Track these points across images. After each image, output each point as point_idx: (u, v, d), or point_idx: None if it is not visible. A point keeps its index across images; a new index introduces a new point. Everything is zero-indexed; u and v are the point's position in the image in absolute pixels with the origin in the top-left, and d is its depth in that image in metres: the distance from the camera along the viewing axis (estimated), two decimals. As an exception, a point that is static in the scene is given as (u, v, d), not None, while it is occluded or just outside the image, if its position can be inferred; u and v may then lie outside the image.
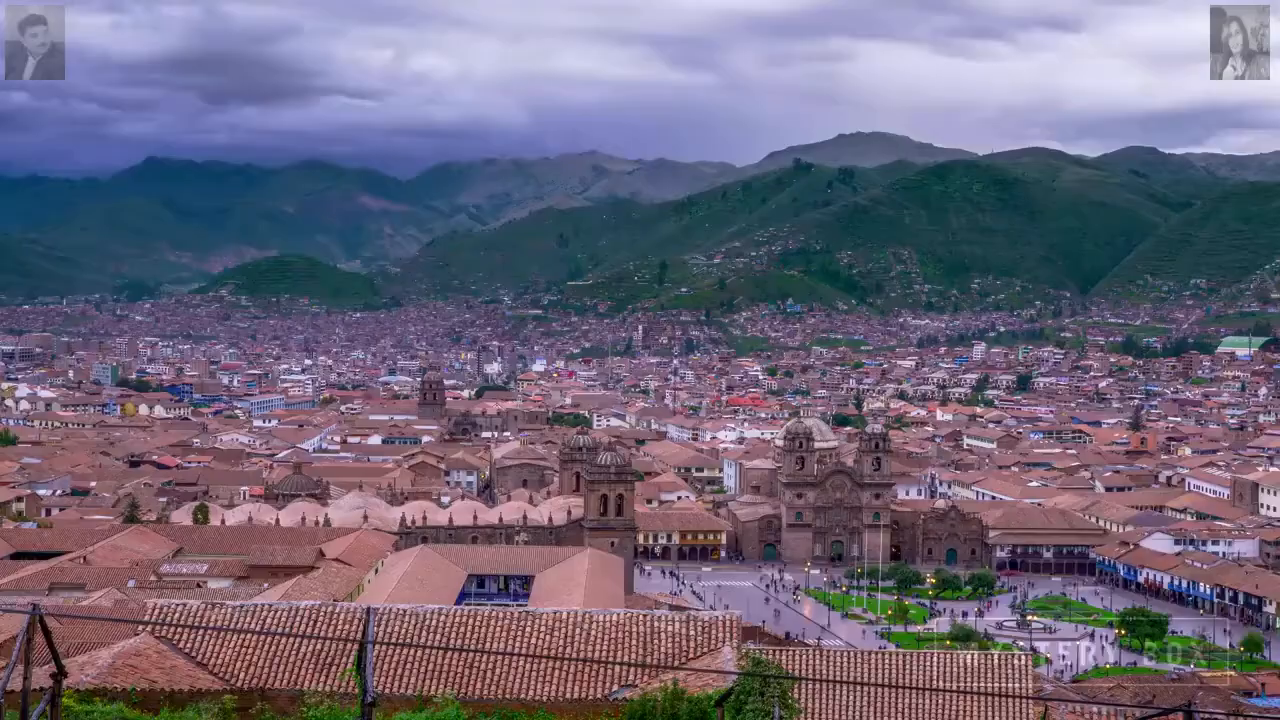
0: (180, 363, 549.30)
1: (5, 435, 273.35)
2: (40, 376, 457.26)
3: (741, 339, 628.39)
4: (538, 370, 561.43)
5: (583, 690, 34.17)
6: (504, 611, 39.71)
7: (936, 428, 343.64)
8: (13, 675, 19.47)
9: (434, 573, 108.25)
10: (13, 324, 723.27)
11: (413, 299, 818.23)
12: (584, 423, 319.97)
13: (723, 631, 37.26)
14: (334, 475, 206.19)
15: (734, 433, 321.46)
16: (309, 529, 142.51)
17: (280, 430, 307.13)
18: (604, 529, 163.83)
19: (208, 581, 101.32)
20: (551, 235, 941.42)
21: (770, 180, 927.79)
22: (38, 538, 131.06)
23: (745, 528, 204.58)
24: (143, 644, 35.96)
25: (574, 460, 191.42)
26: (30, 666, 19.59)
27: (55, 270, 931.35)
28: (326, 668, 34.43)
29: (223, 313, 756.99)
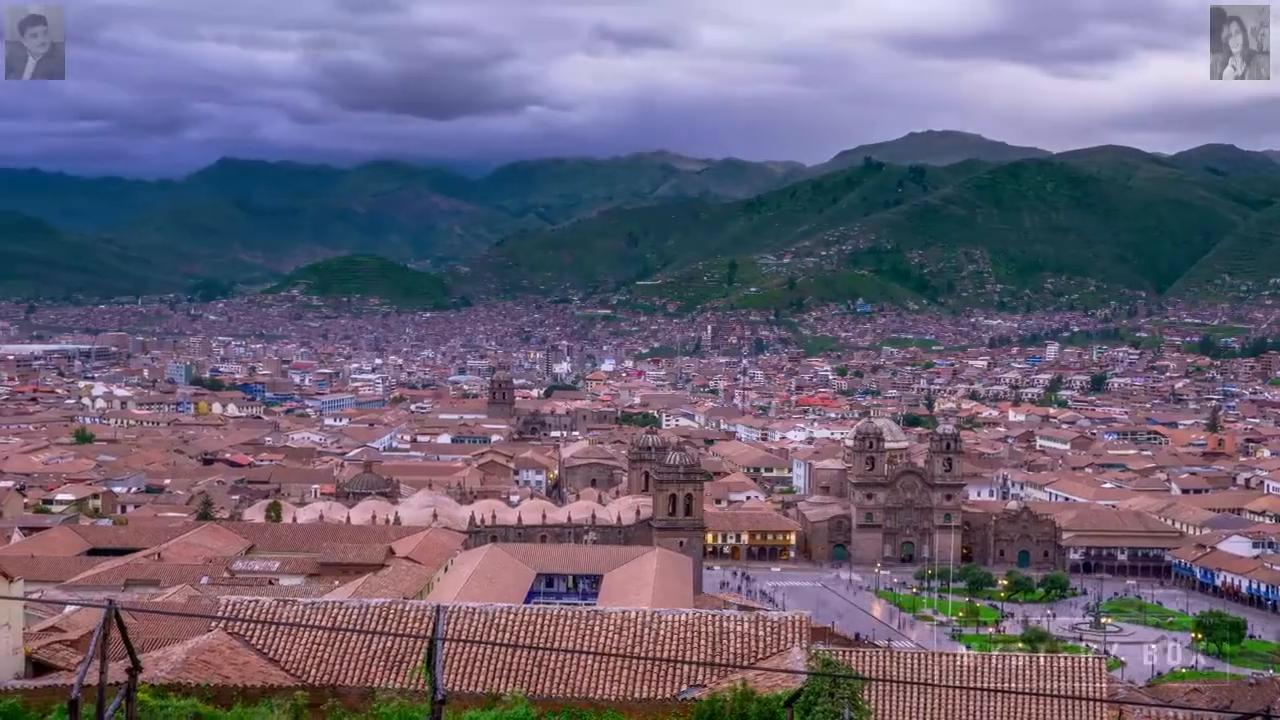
0: (252, 362, 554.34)
1: (82, 433, 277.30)
2: (116, 375, 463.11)
3: (811, 339, 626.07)
4: (606, 370, 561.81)
5: (651, 690, 34.10)
6: (572, 610, 39.71)
7: (1009, 428, 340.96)
8: (90, 669, 19.67)
9: (503, 571, 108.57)
10: (89, 323, 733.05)
11: (482, 299, 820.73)
12: (653, 422, 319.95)
13: (792, 632, 37.07)
14: (404, 474, 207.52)
15: (803, 433, 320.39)
16: (379, 527, 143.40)
17: (351, 429, 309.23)
18: (672, 529, 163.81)
19: (279, 579, 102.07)
20: (620, 235, 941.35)
21: (840, 179, 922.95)
22: (113, 534, 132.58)
23: (814, 528, 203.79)
24: (216, 640, 36.27)
25: (643, 460, 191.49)
26: (107, 661, 19.77)
27: (130, 270, 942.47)
28: (397, 665, 34.58)
29: (294, 312, 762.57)
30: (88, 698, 20.14)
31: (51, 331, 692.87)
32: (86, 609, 58.87)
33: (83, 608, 61.12)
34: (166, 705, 28.34)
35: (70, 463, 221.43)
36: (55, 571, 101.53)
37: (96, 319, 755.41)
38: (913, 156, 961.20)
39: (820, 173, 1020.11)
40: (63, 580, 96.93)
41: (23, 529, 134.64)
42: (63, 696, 27.36)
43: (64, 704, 24.88)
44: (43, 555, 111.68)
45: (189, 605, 73.35)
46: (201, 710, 28.68)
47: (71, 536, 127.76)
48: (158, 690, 30.24)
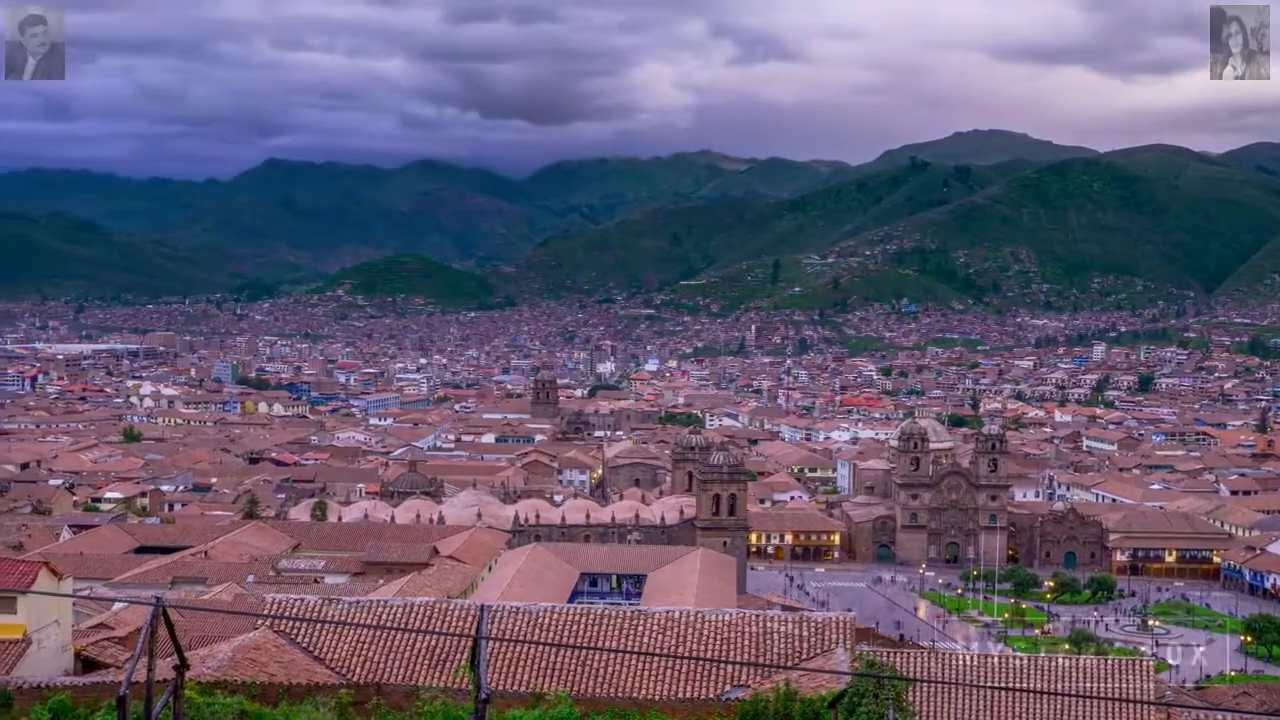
0: (298, 361, 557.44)
1: (130, 432, 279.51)
2: (163, 374, 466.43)
3: (855, 339, 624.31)
4: (650, 370, 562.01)
5: (695, 690, 34.09)
6: (616, 610, 39.74)
7: (1055, 429, 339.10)
8: (138, 666, 19.82)
9: (547, 571, 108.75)
10: (137, 323, 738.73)
11: (526, 298, 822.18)
12: (696, 422, 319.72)
13: (836, 632, 36.99)
14: (448, 473, 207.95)
15: (847, 433, 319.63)
16: (423, 526, 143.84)
17: (395, 428, 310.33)
18: (716, 529, 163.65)
19: (325, 577, 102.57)
20: (664, 234, 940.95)
21: (885, 179, 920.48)
22: (161, 533, 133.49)
23: (859, 528, 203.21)
24: (262, 638, 36.49)
25: (686, 460, 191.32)
26: (154, 658, 19.92)
27: (178, 270, 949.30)
28: (441, 663, 34.70)
29: (339, 312, 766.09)
30: (136, 694, 20.28)
31: (100, 331, 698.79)
32: (134, 606, 59.30)
33: (130, 605, 61.56)
34: (213, 702, 28.53)
35: (118, 461, 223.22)
36: (104, 569, 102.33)
37: (144, 319, 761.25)
38: (958, 156, 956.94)
39: (865, 172, 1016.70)
40: (111, 578, 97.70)
41: (72, 527, 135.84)
42: (111, 693, 27.58)
43: (112, 700, 25.08)
44: (91, 553, 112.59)
45: (235, 603, 73.85)
46: (247, 708, 28.84)
47: (120, 535, 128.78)
48: (204, 687, 30.45)
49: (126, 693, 19.82)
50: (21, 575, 43.31)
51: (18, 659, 40.99)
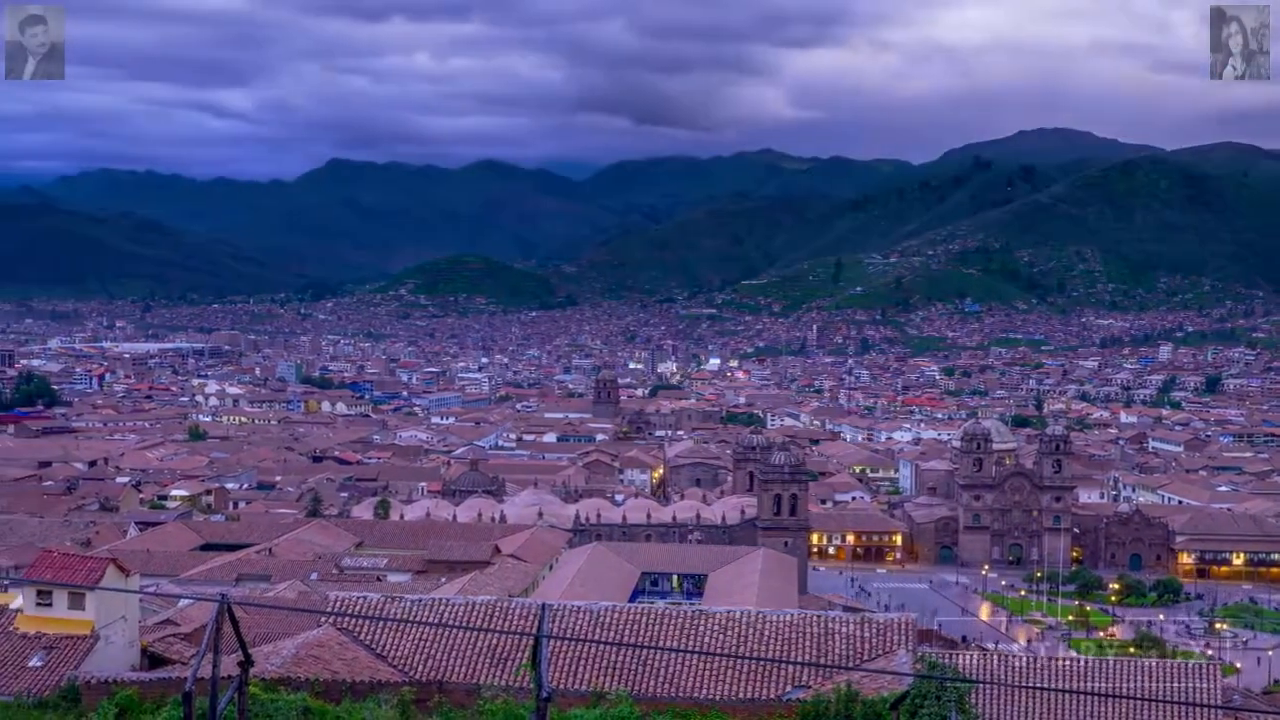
0: (361, 360, 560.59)
1: (195, 430, 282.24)
2: (228, 374, 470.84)
3: (918, 338, 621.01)
4: (711, 369, 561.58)
5: (756, 690, 34.02)
6: (677, 610, 39.72)
7: (1120, 430, 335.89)
8: (203, 663, 20.01)
9: (608, 570, 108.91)
10: (203, 323, 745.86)
11: (587, 298, 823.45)
12: (757, 422, 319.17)
13: (897, 634, 36.82)
14: (509, 472, 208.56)
15: (909, 433, 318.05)
16: (485, 525, 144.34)
17: (457, 428, 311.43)
18: (777, 529, 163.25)
19: (387, 575, 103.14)
20: (725, 234, 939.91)
21: (948, 178, 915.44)
22: (225, 530, 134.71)
23: (921, 529, 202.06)
24: (325, 635, 36.73)
25: (747, 459, 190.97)
26: (219, 655, 20.09)
27: (243, 270, 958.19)
28: (502, 662, 34.81)
29: (402, 311, 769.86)
30: (201, 690, 20.46)
31: (166, 330, 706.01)
32: (200, 603, 59.83)
33: (196, 602, 62.13)
34: (277, 699, 28.72)
35: (184, 460, 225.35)
36: (170, 566, 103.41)
37: (210, 318, 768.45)
38: (1022, 155, 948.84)
39: (928, 171, 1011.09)
40: (177, 575, 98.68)
41: (139, 524, 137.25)
42: (177, 689, 27.84)
43: (178, 696, 25.31)
44: (158, 550, 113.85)
45: (299, 601, 74.41)
46: (311, 704, 29.03)
47: (185, 532, 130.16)
48: (268, 684, 30.68)
49: (192, 688, 20.00)
50: (90, 572, 43.81)
51: (86, 654, 41.47)
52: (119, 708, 28.94)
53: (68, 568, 44.34)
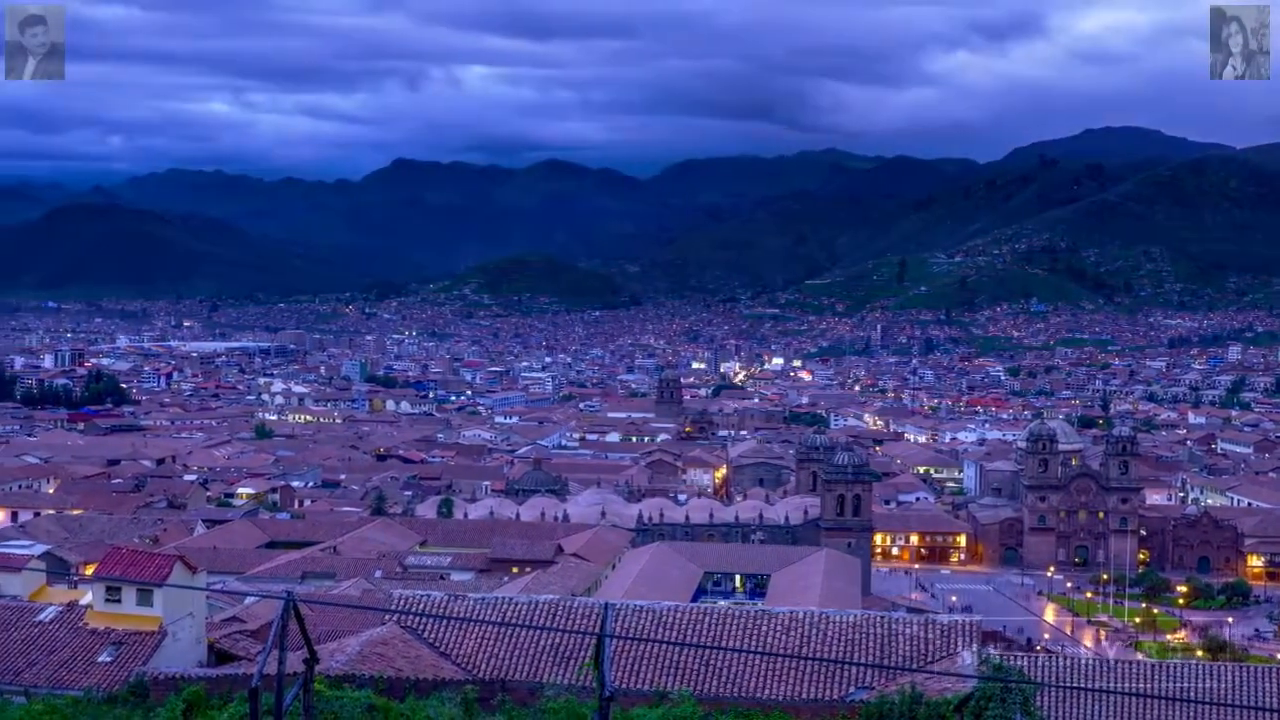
0: (425, 360, 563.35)
1: (261, 429, 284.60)
2: (294, 372, 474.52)
3: (983, 338, 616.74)
4: (774, 369, 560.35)
5: (819, 691, 33.91)
6: (740, 610, 39.66)
7: (1188, 431, 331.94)
8: (269, 659, 20.16)
9: (670, 570, 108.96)
10: (269, 321, 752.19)
11: (650, 297, 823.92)
12: (821, 422, 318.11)
13: (962, 635, 36.59)
14: (572, 472, 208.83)
15: (974, 434, 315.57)
16: (548, 524, 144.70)
17: (521, 427, 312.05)
18: (841, 529, 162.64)
19: (450, 573, 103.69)
20: (789, 233, 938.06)
21: (1014, 177, 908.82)
22: (291, 528, 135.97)
23: (985, 530, 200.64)
24: (389, 633, 36.95)
25: (811, 460, 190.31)
26: (285, 652, 20.24)
27: (308, 269, 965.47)
28: (565, 661, 34.88)
29: (466, 311, 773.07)
30: (267, 687, 20.61)
31: (233, 329, 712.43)
32: (265, 600, 60.33)
33: (262, 599, 62.64)
34: (342, 696, 28.90)
35: (250, 458, 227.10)
36: (236, 563, 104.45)
37: (276, 317, 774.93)
38: (1089, 153, 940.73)
39: (994, 170, 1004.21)
40: (243, 572, 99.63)
41: (206, 522, 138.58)
42: (243, 685, 28.08)
43: (244, 692, 25.53)
44: (224, 547, 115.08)
45: (363, 598, 74.95)
46: (375, 701, 29.18)
47: (251, 530, 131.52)
48: (333, 681, 30.87)
49: (258, 685, 20.16)
50: (158, 568, 44.28)
51: (154, 650, 41.92)
52: (186, 703, 29.22)
53: (136, 564, 44.83)
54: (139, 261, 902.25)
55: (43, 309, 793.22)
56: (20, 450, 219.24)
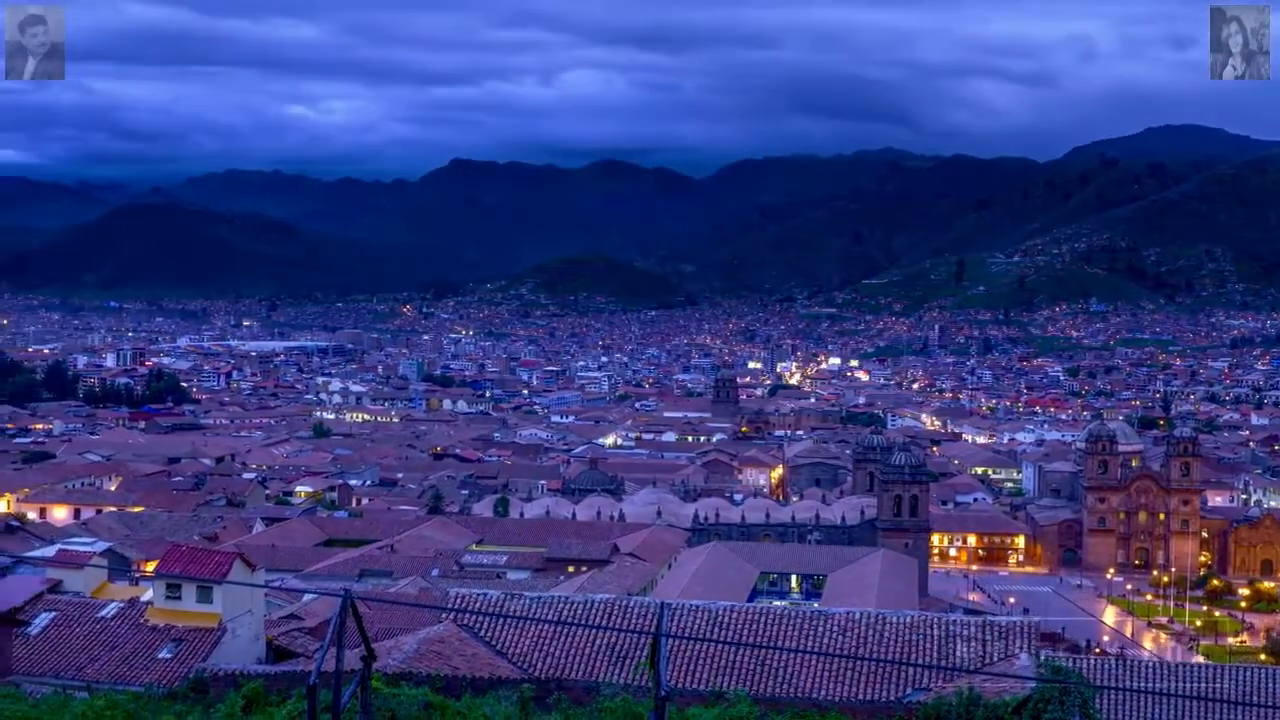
0: (481, 359, 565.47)
1: (319, 427, 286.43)
2: (352, 371, 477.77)
3: (1041, 339, 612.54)
4: (831, 369, 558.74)
5: (875, 692, 33.76)
6: (796, 610, 39.55)
7: (1251, 432, 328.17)
8: (327, 657, 20.26)
9: (726, 570, 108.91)
10: (327, 321, 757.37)
11: (706, 297, 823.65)
12: (878, 422, 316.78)
13: (1020, 637, 36.32)
14: (628, 471, 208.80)
15: (1033, 434, 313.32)
16: (604, 524, 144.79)
17: (577, 426, 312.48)
18: (898, 530, 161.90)
19: (506, 572, 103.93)
20: (846, 233, 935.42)
21: (1074, 176, 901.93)
22: (348, 526, 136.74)
23: (1044, 532, 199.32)
24: (446, 631, 37.06)
25: (868, 460, 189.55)
26: (343, 649, 20.32)
27: (366, 269, 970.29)
28: (621, 660, 34.87)
29: (522, 310, 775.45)
30: (325, 684, 20.70)
31: (291, 329, 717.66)
32: (323, 598, 60.69)
33: (320, 597, 63.02)
34: (399, 693, 28.99)
35: (308, 456, 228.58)
36: (294, 561, 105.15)
37: (334, 317, 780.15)
38: (1150, 152, 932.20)
39: (1053, 169, 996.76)
40: (301, 569, 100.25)
41: (264, 519, 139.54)
42: (301, 682, 28.20)
43: (302, 689, 25.67)
44: (283, 545, 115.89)
45: (420, 596, 75.21)
46: (432, 699, 29.25)
47: (309, 528, 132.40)
48: (390, 679, 31.00)
49: (316, 682, 20.25)
50: (217, 565, 44.65)
51: (213, 647, 42.27)
52: (245, 700, 29.40)
53: (196, 562, 45.23)
54: (198, 261, 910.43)
55: (104, 309, 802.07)
56: (83, 448, 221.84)
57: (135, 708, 28.23)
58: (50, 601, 48.06)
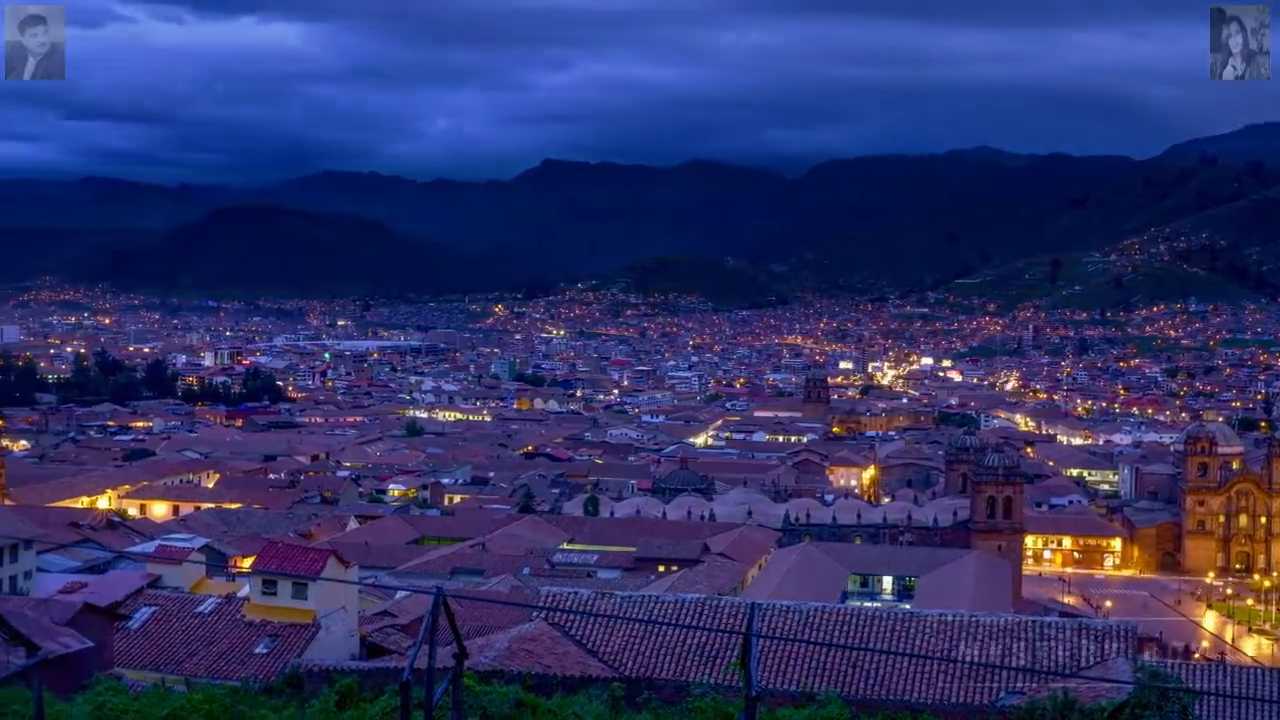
0: (573, 358, 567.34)
1: (412, 426, 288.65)
2: (444, 371, 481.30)
3: (1139, 339, 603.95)
4: (923, 369, 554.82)
5: (968, 695, 33.48)
6: (888, 612, 39.33)
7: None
8: (419, 654, 20.41)
9: (817, 571, 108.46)
10: (420, 321, 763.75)
11: (797, 296, 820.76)
12: (971, 423, 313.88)
13: (1117, 641, 35.84)
14: (719, 471, 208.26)
15: (1130, 435, 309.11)
16: (694, 523, 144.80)
17: (667, 426, 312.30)
18: (991, 531, 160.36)
19: (597, 571, 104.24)
20: (939, 232, 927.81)
21: (1172, 174, 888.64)
22: (440, 525, 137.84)
23: (1141, 535, 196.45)
24: (537, 629, 37.22)
25: (960, 460, 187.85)
26: (435, 647, 20.46)
27: (458, 269, 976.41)
28: (711, 660, 34.85)
29: (614, 310, 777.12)
30: (417, 681, 20.86)
31: (385, 328, 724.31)
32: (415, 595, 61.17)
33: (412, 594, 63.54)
34: (490, 691, 29.13)
35: (401, 455, 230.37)
36: (387, 559, 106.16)
37: (427, 316, 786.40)
38: (1250, 150, 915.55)
39: (1151, 168, 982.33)
40: (393, 567, 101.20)
41: (358, 517, 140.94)
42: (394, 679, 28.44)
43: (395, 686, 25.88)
44: (376, 543, 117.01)
45: (511, 595, 75.62)
46: (523, 697, 29.36)
47: (402, 526, 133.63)
48: (482, 676, 31.16)
49: (409, 679, 20.41)
50: (312, 563, 45.20)
51: (308, 643, 42.79)
52: (339, 695, 29.67)
53: (292, 559, 45.80)
54: (295, 262, 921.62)
55: (203, 308, 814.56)
56: (181, 446, 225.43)
57: (232, 702, 28.62)
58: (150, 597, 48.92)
